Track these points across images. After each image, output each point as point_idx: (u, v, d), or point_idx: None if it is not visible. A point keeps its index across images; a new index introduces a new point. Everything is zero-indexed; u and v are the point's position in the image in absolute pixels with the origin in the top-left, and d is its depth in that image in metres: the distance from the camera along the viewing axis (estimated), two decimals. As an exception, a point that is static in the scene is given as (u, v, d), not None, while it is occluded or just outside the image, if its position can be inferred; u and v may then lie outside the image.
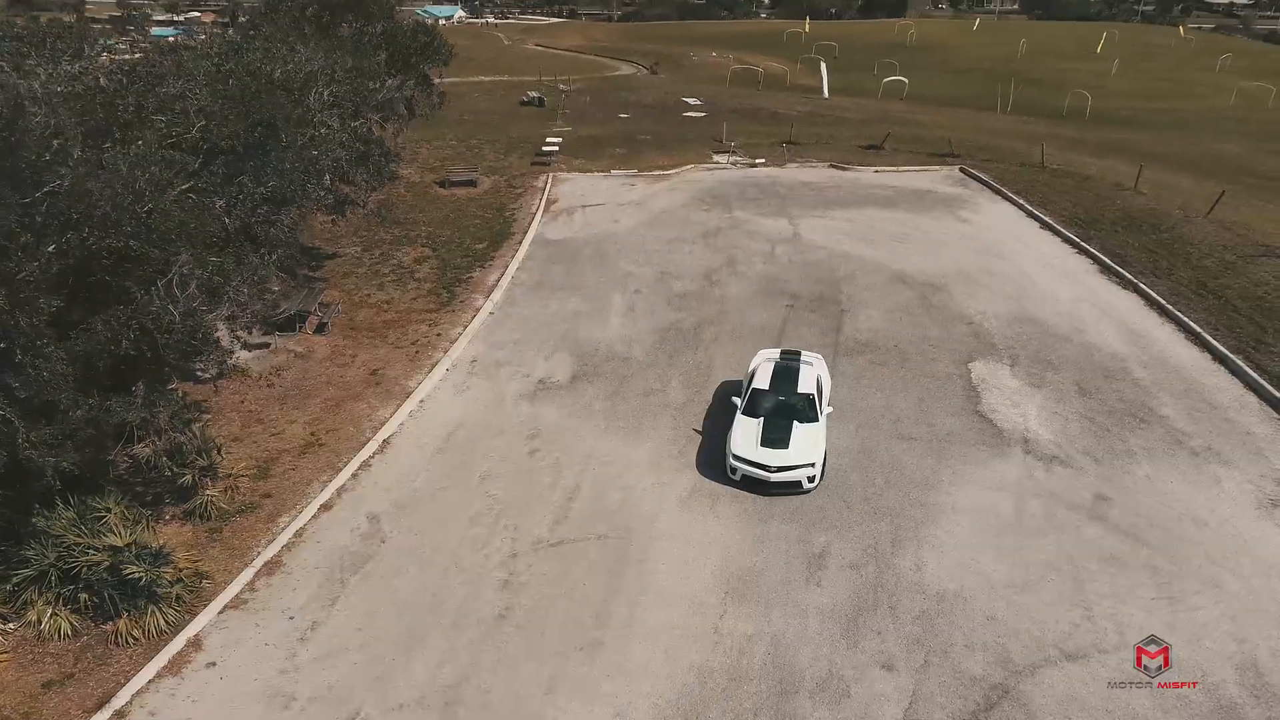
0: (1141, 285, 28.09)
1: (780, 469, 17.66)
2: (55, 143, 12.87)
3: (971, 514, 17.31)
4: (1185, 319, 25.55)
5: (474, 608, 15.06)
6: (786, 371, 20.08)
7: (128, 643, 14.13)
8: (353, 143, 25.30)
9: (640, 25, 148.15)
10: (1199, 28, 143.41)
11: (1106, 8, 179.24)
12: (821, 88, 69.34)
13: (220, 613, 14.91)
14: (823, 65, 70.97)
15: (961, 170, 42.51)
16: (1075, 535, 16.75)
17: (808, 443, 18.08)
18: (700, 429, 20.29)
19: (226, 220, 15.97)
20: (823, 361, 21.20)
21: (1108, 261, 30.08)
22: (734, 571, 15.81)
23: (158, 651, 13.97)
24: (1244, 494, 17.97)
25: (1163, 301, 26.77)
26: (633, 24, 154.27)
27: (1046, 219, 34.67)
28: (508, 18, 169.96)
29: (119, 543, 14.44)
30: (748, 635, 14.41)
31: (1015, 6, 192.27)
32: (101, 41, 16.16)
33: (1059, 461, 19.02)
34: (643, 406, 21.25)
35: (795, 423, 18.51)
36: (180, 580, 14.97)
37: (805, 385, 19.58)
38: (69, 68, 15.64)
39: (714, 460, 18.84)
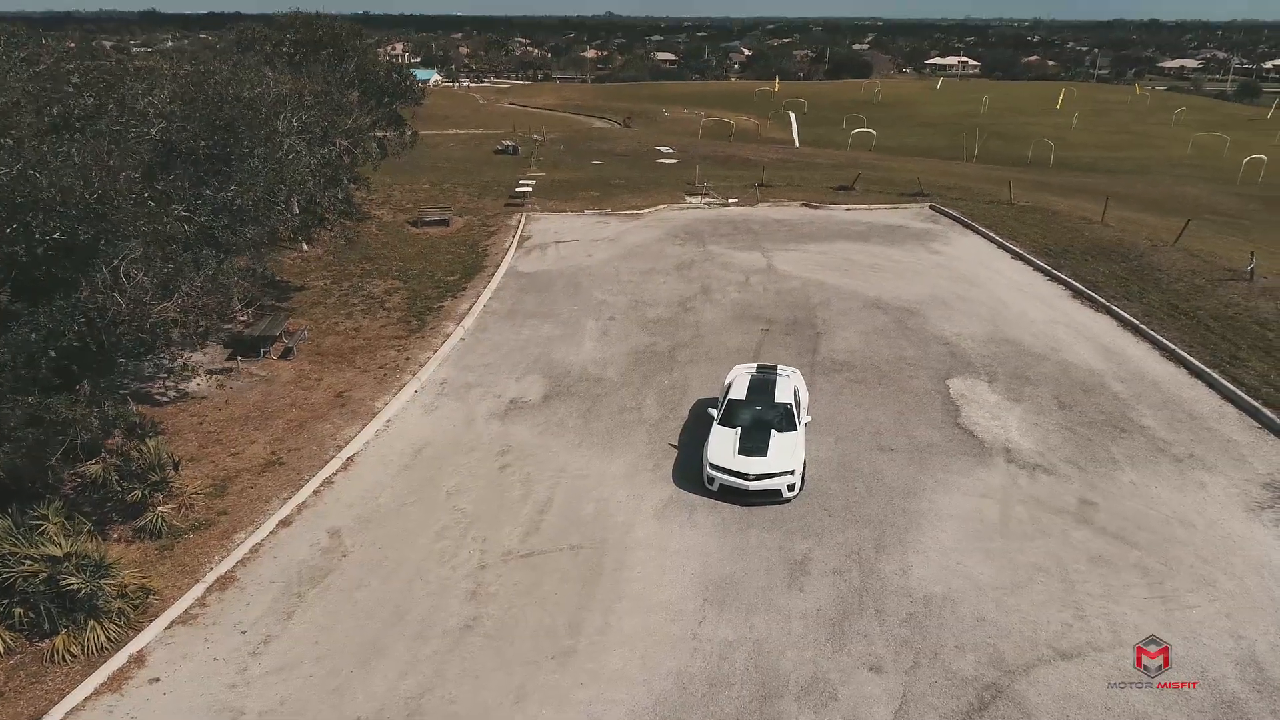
0: (1114, 308, 28.18)
1: (759, 477, 17.11)
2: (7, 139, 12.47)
3: (956, 519, 16.82)
4: (1159, 337, 25.58)
5: (439, 619, 14.24)
6: (763, 383, 19.69)
7: (65, 660, 13.15)
8: (321, 167, 25.05)
9: (613, 86, 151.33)
10: (1152, 87, 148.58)
11: (1064, 70, 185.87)
12: (792, 138, 70.51)
13: (167, 628, 13.97)
14: (792, 116, 72.41)
15: (931, 208, 43.02)
16: (1062, 538, 16.29)
17: (786, 451, 17.59)
18: (676, 444, 19.75)
19: (186, 227, 15.45)
20: (799, 374, 20.85)
21: (1080, 287, 30.24)
22: (713, 579, 15.13)
23: (97, 668, 12.99)
24: (1230, 498, 17.64)
25: (1136, 322, 26.83)
26: (606, 85, 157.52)
27: (1017, 249, 34.98)
28: (483, 81, 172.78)
29: (57, 553, 13.58)
30: (728, 641, 13.69)
31: (976, 70, 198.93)
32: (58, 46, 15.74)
33: (1042, 469, 18.65)
34: (617, 423, 20.71)
35: (773, 432, 18.05)
36: (124, 595, 14.03)
37: (782, 395, 19.18)
38: (26, 69, 15.24)
39: (691, 473, 18.28)
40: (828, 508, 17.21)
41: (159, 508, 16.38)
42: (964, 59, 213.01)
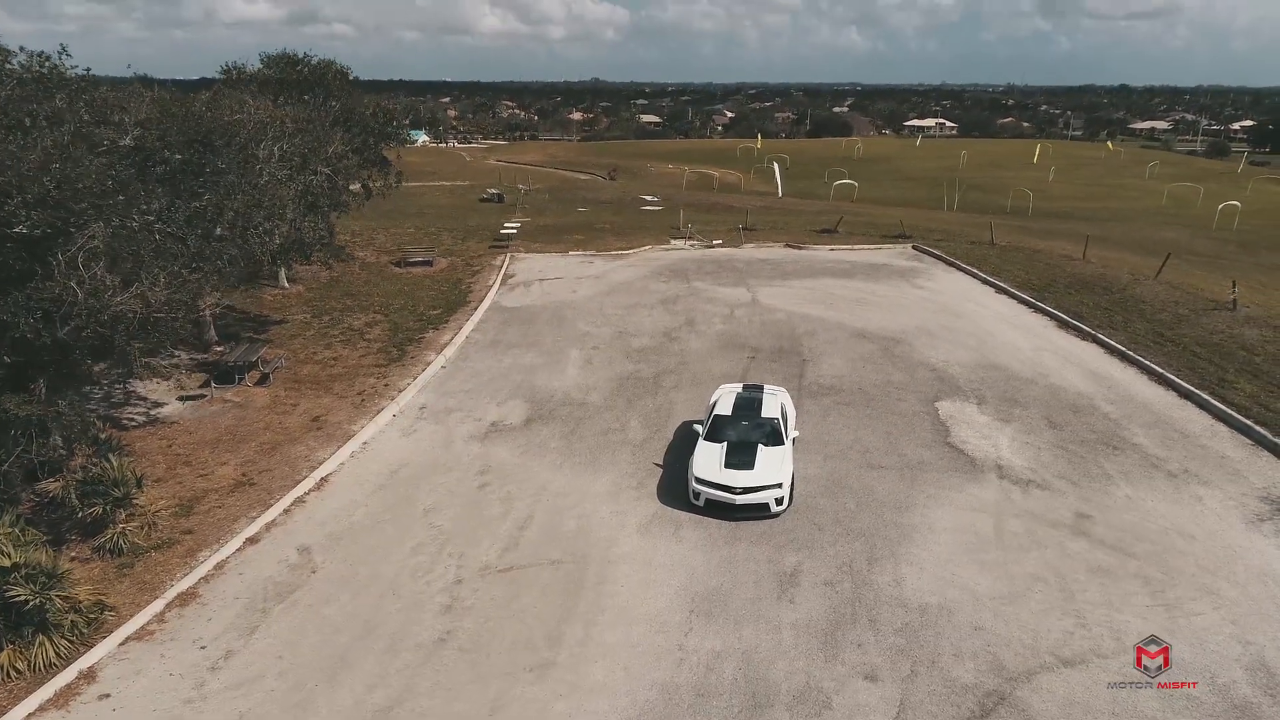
0: (1100, 336, 28.08)
1: (746, 490, 16.59)
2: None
3: (949, 533, 16.30)
4: (1146, 362, 25.42)
5: (412, 632, 13.51)
6: (749, 401, 19.30)
7: (9, 676, 12.33)
8: (302, 194, 24.84)
9: (599, 144, 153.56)
10: (1125, 145, 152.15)
11: (1038, 130, 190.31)
12: (775, 189, 71.26)
13: (121, 644, 13.18)
14: (775, 166, 73.37)
15: (914, 247, 43.27)
16: (1059, 549, 15.78)
17: (774, 464, 17.11)
18: (661, 463, 19.23)
19: (155, 228, 15.03)
20: (786, 393, 20.47)
21: (1064, 317, 30.20)
22: (699, 591, 14.50)
23: (43, 684, 12.17)
24: (1228, 510, 17.22)
25: (1122, 349, 26.70)
26: (591, 143, 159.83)
27: (1001, 284, 35.05)
28: (470, 142, 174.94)
29: (5, 563, 12.84)
30: (715, 652, 13.01)
31: (954, 130, 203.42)
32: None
33: (1035, 485, 18.21)
34: (600, 444, 20.18)
35: (760, 446, 17.59)
36: (77, 609, 13.27)
37: (769, 411, 18.77)
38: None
39: (676, 490, 17.73)
40: (817, 522, 16.67)
41: (121, 525, 15.66)
42: (941, 121, 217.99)
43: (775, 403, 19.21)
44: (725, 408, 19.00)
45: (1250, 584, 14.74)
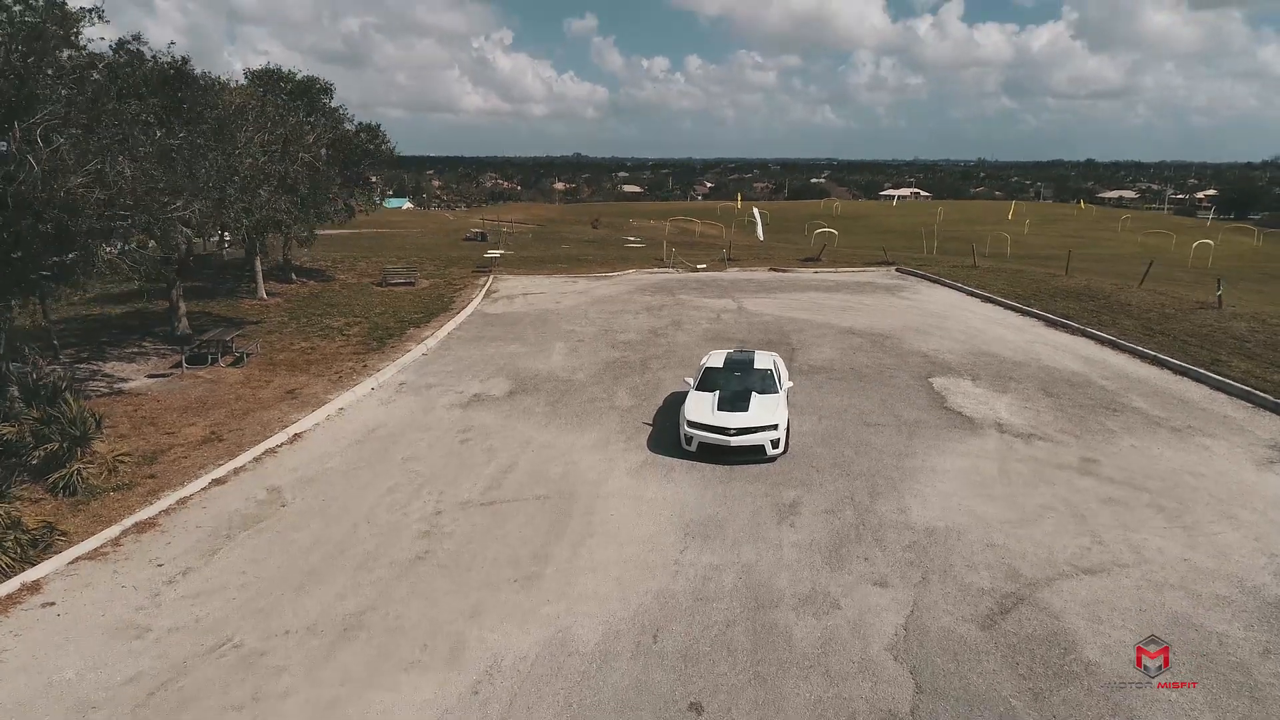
0: (1090, 330, 27.87)
1: (740, 431, 15.88)
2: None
3: (952, 474, 15.61)
4: (1139, 349, 25.15)
5: (387, 553, 12.57)
6: (741, 358, 18.77)
7: (-57, 589, 11.27)
8: (282, 178, 24.49)
9: (581, 204, 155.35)
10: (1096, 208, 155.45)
11: (1009, 197, 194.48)
12: (757, 232, 71.78)
13: (71, 563, 12.15)
14: (756, 212, 74.06)
15: (898, 270, 43.38)
16: (1068, 485, 15.12)
17: (768, 408, 16.46)
18: (650, 422, 18.51)
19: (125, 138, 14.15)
20: (779, 357, 19.91)
21: (1053, 317, 30.03)
22: (693, 519, 13.67)
23: (-20, 595, 11.13)
24: (1236, 455, 16.68)
25: (1114, 339, 26.47)
26: (574, 204, 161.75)
27: (987, 294, 34.98)
28: (454, 209, 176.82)
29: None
30: (713, 565, 12.16)
31: (929, 197, 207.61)
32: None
33: (1037, 437, 17.63)
34: (587, 410, 19.47)
35: (754, 394, 16.97)
36: (19, 526, 12.28)
37: (762, 364, 18.23)
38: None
39: (667, 442, 17.01)
40: (815, 465, 15.95)
41: (77, 464, 14.71)
42: (916, 191, 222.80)
43: (767, 359, 18.70)
44: (716, 362, 18.44)
45: (1269, 510, 14.12)
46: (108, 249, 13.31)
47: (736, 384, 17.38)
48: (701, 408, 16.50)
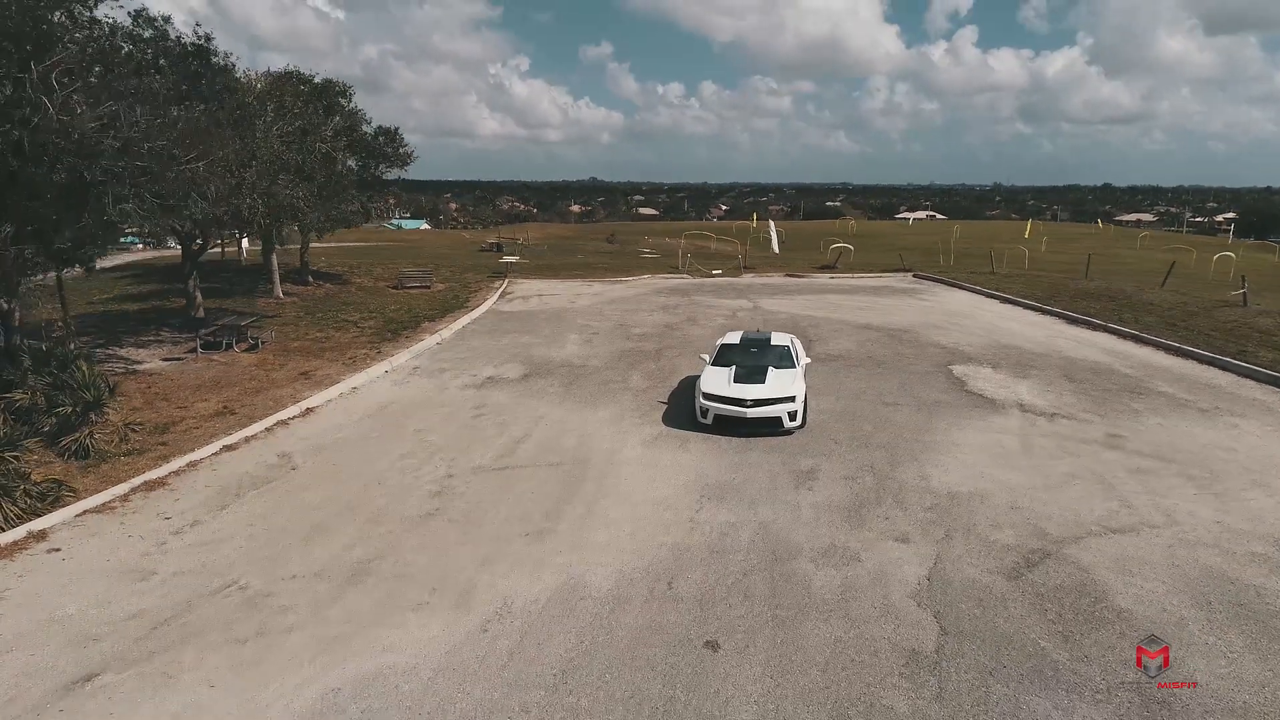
0: (1112, 325, 27.46)
1: (758, 403, 15.62)
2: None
3: (975, 447, 15.26)
4: (1163, 341, 24.73)
5: (397, 510, 12.36)
6: (758, 337, 18.58)
7: (-52, 536, 11.13)
8: (299, 168, 24.60)
9: (597, 224, 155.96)
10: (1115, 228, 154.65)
11: (1025, 219, 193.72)
12: (772, 245, 71.68)
13: (79, 515, 12.01)
14: (772, 224, 73.93)
15: (915, 275, 43.13)
16: (1094, 458, 14.73)
17: (786, 381, 16.21)
18: (665, 400, 18.28)
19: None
20: (796, 338, 19.66)
21: (1073, 315, 29.65)
22: (709, 484, 13.38)
23: (-14, 541, 10.98)
24: (1267, 433, 16.24)
25: (1137, 333, 26.05)
26: (589, 224, 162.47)
27: (1006, 295, 34.63)
28: (470, 229, 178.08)
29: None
30: (730, 522, 11.87)
31: (944, 219, 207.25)
32: None
33: (1061, 416, 17.26)
34: (600, 391, 19.26)
35: (771, 368, 16.72)
36: (26, 477, 12.17)
37: (779, 342, 18.00)
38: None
39: (683, 418, 16.76)
40: (833, 438, 15.65)
41: (90, 429, 14.62)
42: (932, 213, 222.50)
43: (784, 338, 18.49)
44: (733, 340, 18.24)
45: (1303, 481, 13.68)
46: (122, 205, 13.27)
47: (753, 360, 17.15)
48: (718, 380, 16.27)
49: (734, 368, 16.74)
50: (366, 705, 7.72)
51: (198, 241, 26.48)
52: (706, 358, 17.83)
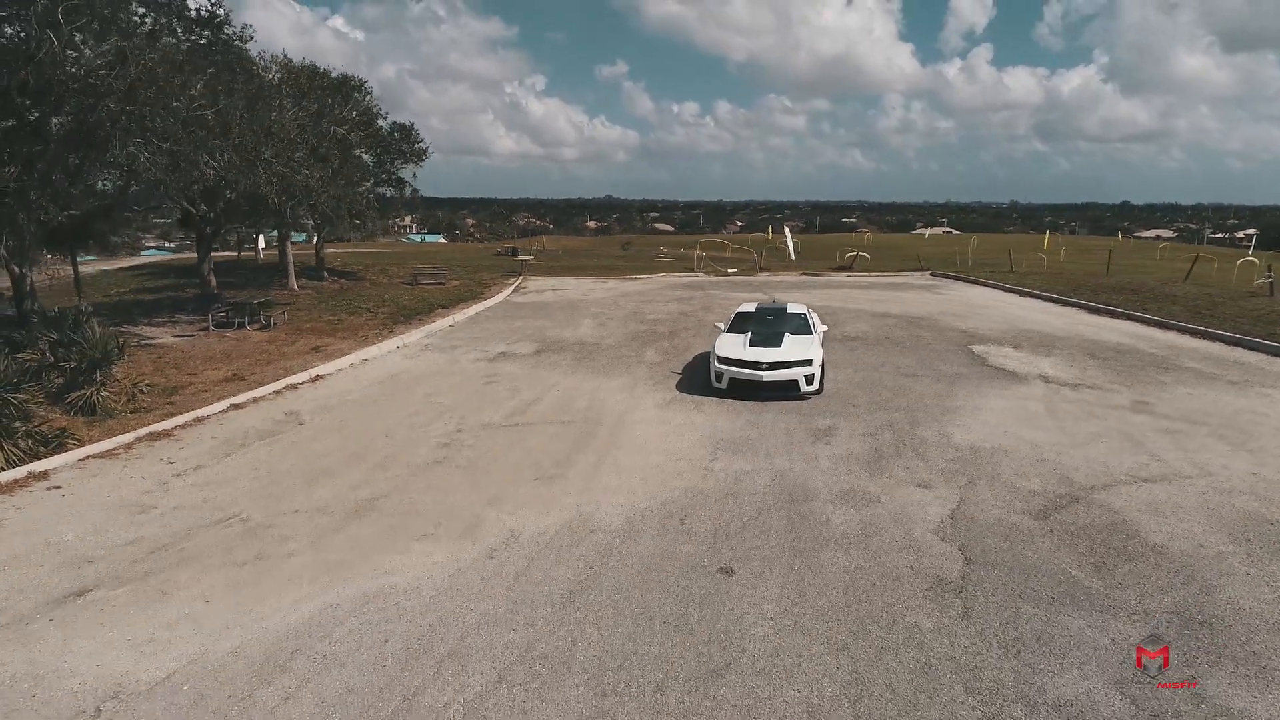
0: (1135, 314, 26.95)
1: (773, 366, 15.29)
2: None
3: (998, 411, 14.85)
4: (1188, 325, 24.21)
5: (404, 458, 12.10)
6: (774, 306, 18.29)
7: (-50, 475, 10.95)
8: (314, 149, 24.57)
9: (612, 236, 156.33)
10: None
11: (1041, 234, 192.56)
12: (789, 251, 71.36)
13: (82, 460, 11.82)
14: (787, 230, 73.66)
15: (932, 274, 42.70)
16: (1121, 420, 14.29)
17: (802, 346, 15.88)
18: (679, 371, 17.97)
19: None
20: (812, 309, 19.33)
21: (1095, 305, 29.15)
22: (724, 439, 13.04)
23: (-14, 479, 10.79)
24: (1300, 402, 15.73)
25: (1161, 320, 25.54)
26: (604, 236, 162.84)
27: (1025, 289, 34.16)
28: (485, 242, 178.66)
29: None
30: (745, 470, 11.52)
31: (960, 234, 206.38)
32: None
33: (1086, 386, 16.81)
34: (613, 364, 18.98)
35: (787, 334, 16.40)
36: (29, 419, 12.00)
37: (795, 310, 17.69)
38: None
39: (697, 384, 16.45)
40: (852, 403, 15.28)
41: (97, 385, 14.46)
42: (949, 229, 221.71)
43: (800, 307, 18.18)
44: (749, 308, 17.94)
45: (1340, 440, 13.18)
46: (130, 149, 13.12)
47: (769, 327, 16.84)
48: (733, 345, 15.97)
49: (750, 333, 16.43)
50: (365, 619, 7.42)
51: (210, 227, 26.47)
52: (721, 326, 17.54)
